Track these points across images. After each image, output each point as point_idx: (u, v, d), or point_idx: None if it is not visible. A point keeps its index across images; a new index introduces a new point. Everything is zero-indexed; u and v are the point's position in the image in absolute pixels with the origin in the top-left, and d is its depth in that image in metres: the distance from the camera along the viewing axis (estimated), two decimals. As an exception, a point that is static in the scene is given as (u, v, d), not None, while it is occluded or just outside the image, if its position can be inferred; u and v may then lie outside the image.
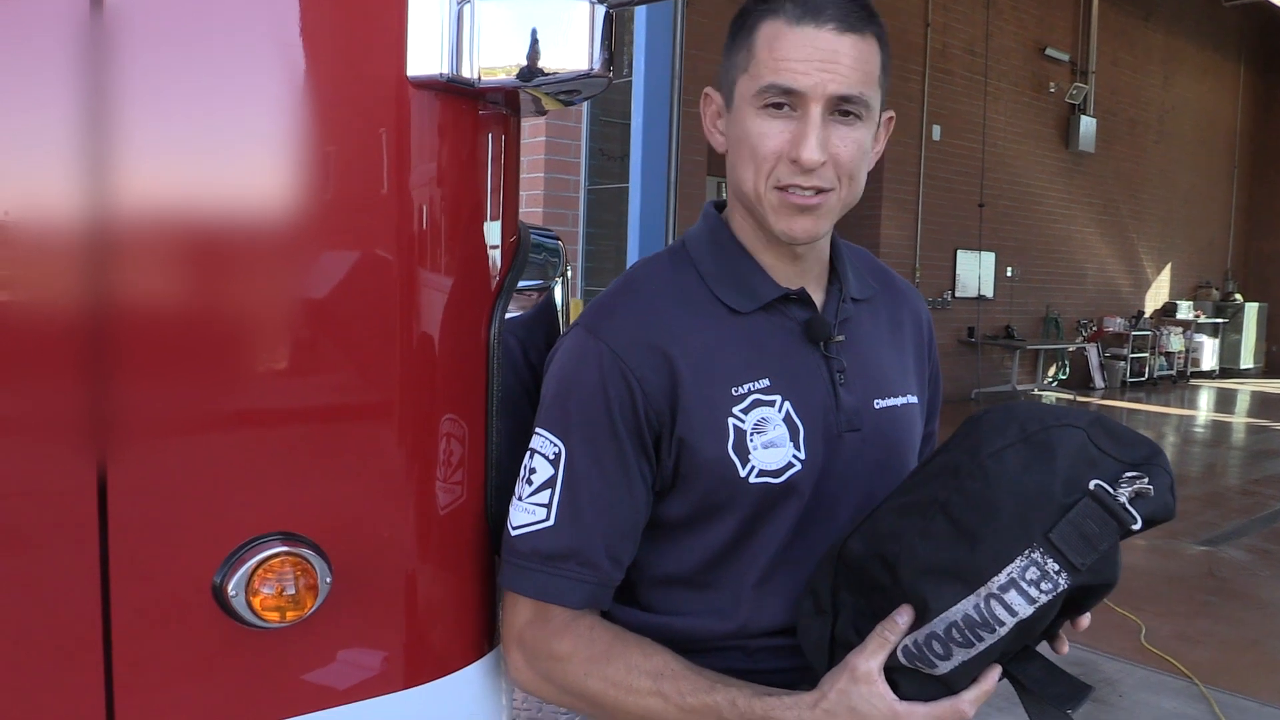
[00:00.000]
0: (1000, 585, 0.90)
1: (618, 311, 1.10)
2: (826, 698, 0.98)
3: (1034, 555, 0.90)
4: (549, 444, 1.06)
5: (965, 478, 0.95)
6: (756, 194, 1.07)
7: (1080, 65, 12.05)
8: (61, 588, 0.82)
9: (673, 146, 4.84)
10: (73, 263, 0.80)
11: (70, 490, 0.82)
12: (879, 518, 1.01)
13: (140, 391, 0.84)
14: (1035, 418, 0.97)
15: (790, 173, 1.04)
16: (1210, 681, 3.49)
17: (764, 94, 1.04)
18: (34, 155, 0.78)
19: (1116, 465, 0.94)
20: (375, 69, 0.93)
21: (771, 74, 1.03)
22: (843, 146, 1.04)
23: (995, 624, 0.91)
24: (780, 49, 1.02)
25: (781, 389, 1.09)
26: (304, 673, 0.94)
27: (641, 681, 1.02)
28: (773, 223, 1.07)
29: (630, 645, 1.05)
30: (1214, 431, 10.04)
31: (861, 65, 1.03)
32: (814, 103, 1.02)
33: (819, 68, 1.01)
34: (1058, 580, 0.89)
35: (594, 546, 1.05)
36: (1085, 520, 0.90)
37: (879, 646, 0.97)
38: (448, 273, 1.01)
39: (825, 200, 1.06)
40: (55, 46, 0.78)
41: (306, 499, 0.92)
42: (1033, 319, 12.09)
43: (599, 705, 1.05)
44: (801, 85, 1.02)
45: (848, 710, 0.96)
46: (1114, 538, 0.90)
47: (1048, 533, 0.90)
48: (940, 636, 0.93)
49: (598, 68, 0.97)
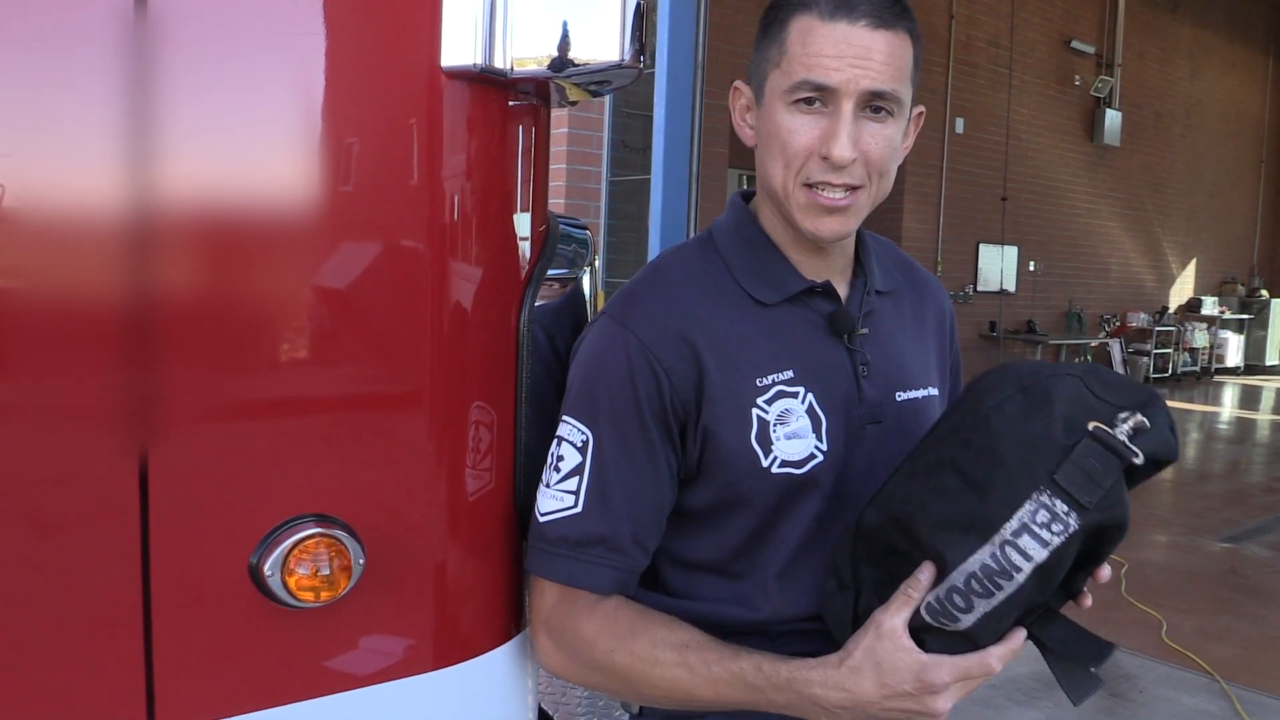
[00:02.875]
0: (1013, 531, 0.92)
1: (645, 300, 1.10)
2: (852, 655, 0.99)
3: (1041, 498, 0.91)
4: (577, 432, 1.07)
5: (969, 431, 0.97)
6: (785, 191, 1.07)
7: (1106, 58, 11.94)
8: (105, 569, 0.84)
9: (695, 138, 4.83)
10: (116, 255, 0.82)
11: (114, 475, 0.83)
12: (890, 486, 1.03)
13: (181, 380, 0.86)
14: (1030, 370, 0.99)
15: (821, 170, 1.04)
16: (1232, 678, 3.47)
17: (796, 90, 1.04)
18: (78, 150, 0.80)
19: (1113, 410, 0.95)
20: (410, 60, 0.94)
21: (804, 70, 1.03)
22: (874, 143, 1.04)
23: (1012, 570, 0.92)
24: (813, 44, 1.02)
25: (805, 380, 1.10)
26: (336, 653, 0.96)
27: (667, 654, 1.04)
28: (800, 221, 1.08)
29: (655, 621, 1.07)
30: (1238, 428, 9.96)
31: (894, 61, 1.03)
32: (846, 99, 1.02)
33: (851, 64, 1.01)
34: (1068, 521, 0.91)
35: (621, 533, 1.06)
36: (1087, 459, 0.92)
37: (903, 604, 0.98)
38: (478, 263, 1.02)
39: (855, 200, 1.06)
40: (100, 39, 0.80)
41: (340, 483, 0.94)
42: (1055, 314, 12.00)
43: (627, 680, 1.06)
44: (834, 81, 1.02)
45: (874, 666, 0.97)
46: (1117, 473, 0.92)
47: (1053, 474, 0.91)
48: (960, 589, 0.94)
49: (629, 58, 0.98)
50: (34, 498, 0.81)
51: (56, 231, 0.80)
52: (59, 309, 0.81)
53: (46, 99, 0.78)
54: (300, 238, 0.91)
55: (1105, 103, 11.92)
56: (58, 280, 0.81)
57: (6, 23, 0.76)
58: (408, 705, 1.00)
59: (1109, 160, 12.28)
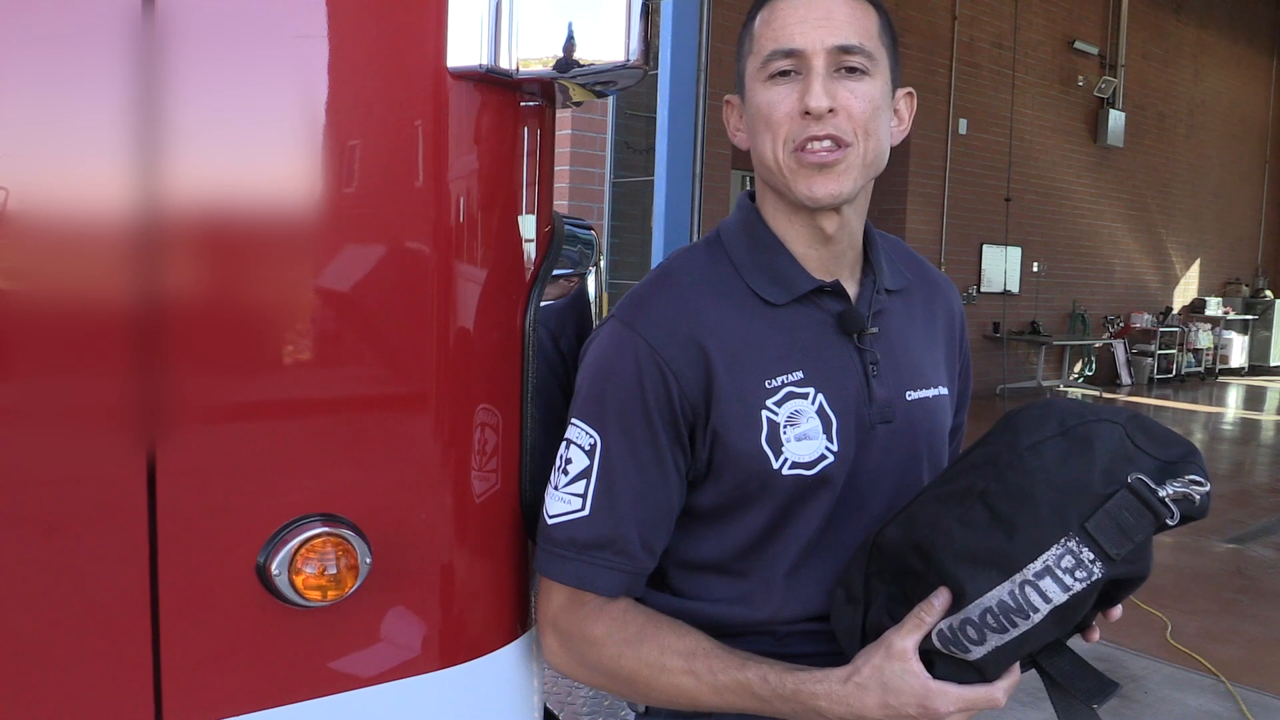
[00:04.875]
0: (1036, 573, 0.92)
1: (653, 303, 1.11)
2: (860, 672, 0.99)
3: (1070, 544, 0.91)
4: (585, 435, 1.07)
5: (1004, 468, 0.96)
6: (777, 162, 1.08)
7: (1109, 58, 11.94)
8: (113, 569, 0.84)
9: (698, 140, 4.84)
10: (124, 256, 0.82)
11: (122, 475, 0.84)
12: (917, 507, 1.03)
13: (188, 380, 0.86)
14: (1074, 413, 0.98)
15: (803, 126, 1.05)
16: (1237, 679, 3.47)
17: (768, 63, 1.07)
18: (87, 152, 0.80)
19: (1152, 462, 0.94)
20: (416, 60, 0.94)
21: (771, 42, 1.07)
22: (853, 98, 1.05)
23: (1030, 610, 0.92)
24: (775, 19, 1.07)
25: (815, 381, 1.10)
26: (343, 652, 0.96)
27: (674, 661, 1.04)
28: (794, 186, 1.08)
29: (663, 627, 1.07)
30: (1242, 429, 9.94)
31: (856, 22, 1.06)
32: (814, 56, 1.05)
33: (814, 25, 1.05)
34: (1092, 569, 0.90)
35: (628, 536, 1.07)
36: (1121, 511, 0.91)
37: (915, 627, 0.98)
38: (484, 263, 1.02)
39: (845, 156, 1.06)
40: (108, 42, 0.80)
41: (346, 483, 0.94)
42: (1059, 315, 11.99)
43: (633, 685, 1.07)
44: (799, 43, 1.05)
45: (880, 685, 0.98)
46: (1149, 530, 0.91)
47: (1084, 523, 0.91)
48: (975, 622, 0.94)
49: (634, 59, 0.98)
50: (43, 497, 0.81)
51: (64, 232, 0.80)
52: (67, 310, 0.81)
53: (55, 101, 0.79)
54: (307, 239, 0.91)
55: (1109, 103, 11.92)
56: (66, 281, 0.81)
57: (15, 23, 0.77)
58: (414, 704, 1.00)
59: (1112, 161, 12.27)
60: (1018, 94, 10.67)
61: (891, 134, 1.13)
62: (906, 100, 1.16)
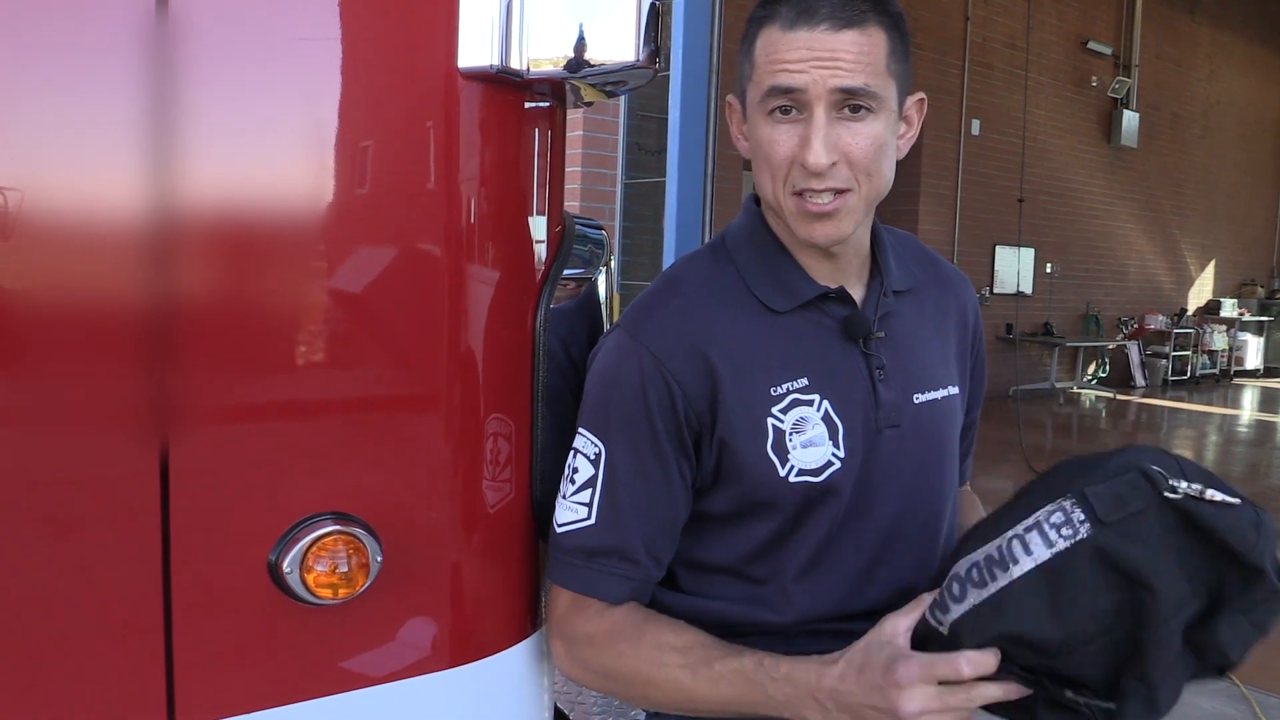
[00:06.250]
0: (1025, 527, 0.92)
1: (658, 313, 1.11)
2: (851, 649, 1.00)
3: (1064, 503, 0.91)
4: (590, 444, 1.08)
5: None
6: (777, 202, 1.08)
7: (1123, 59, 11.87)
8: (126, 567, 0.85)
9: (710, 141, 4.83)
10: (138, 257, 0.83)
11: (135, 474, 0.84)
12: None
13: (201, 380, 0.87)
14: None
15: (803, 177, 1.04)
16: (1251, 681, 3.44)
17: (767, 99, 1.04)
18: (101, 153, 0.81)
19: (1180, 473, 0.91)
20: (428, 61, 0.95)
21: (770, 77, 1.03)
22: (855, 143, 1.02)
23: (1009, 561, 0.92)
24: (776, 53, 1.02)
25: (820, 388, 1.10)
26: (354, 650, 0.96)
27: (671, 656, 1.05)
28: (794, 227, 1.08)
29: (662, 625, 1.08)
30: (1258, 431, 9.87)
31: (864, 58, 1.01)
32: (816, 101, 1.01)
33: (815, 65, 1.00)
34: (1079, 530, 0.89)
35: (634, 545, 1.08)
36: (1123, 484, 0.90)
37: (914, 607, 1.00)
38: (495, 265, 1.03)
39: (844, 202, 1.05)
40: (121, 44, 0.81)
41: (357, 482, 0.95)
42: (1072, 316, 11.93)
43: (632, 683, 1.07)
44: (799, 83, 1.01)
45: (863, 658, 0.98)
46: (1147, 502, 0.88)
47: (1085, 489, 0.91)
48: (960, 576, 0.95)
49: (644, 59, 0.98)
50: (57, 496, 0.82)
51: (81, 234, 0.80)
52: (83, 310, 0.82)
53: (73, 104, 0.79)
54: (319, 240, 0.92)
55: (1122, 104, 11.85)
56: (83, 282, 0.81)
57: (30, 27, 0.77)
58: (424, 703, 1.00)
59: (1126, 162, 12.20)
60: (1031, 95, 10.60)
61: (899, 145, 1.10)
62: (917, 106, 1.13)
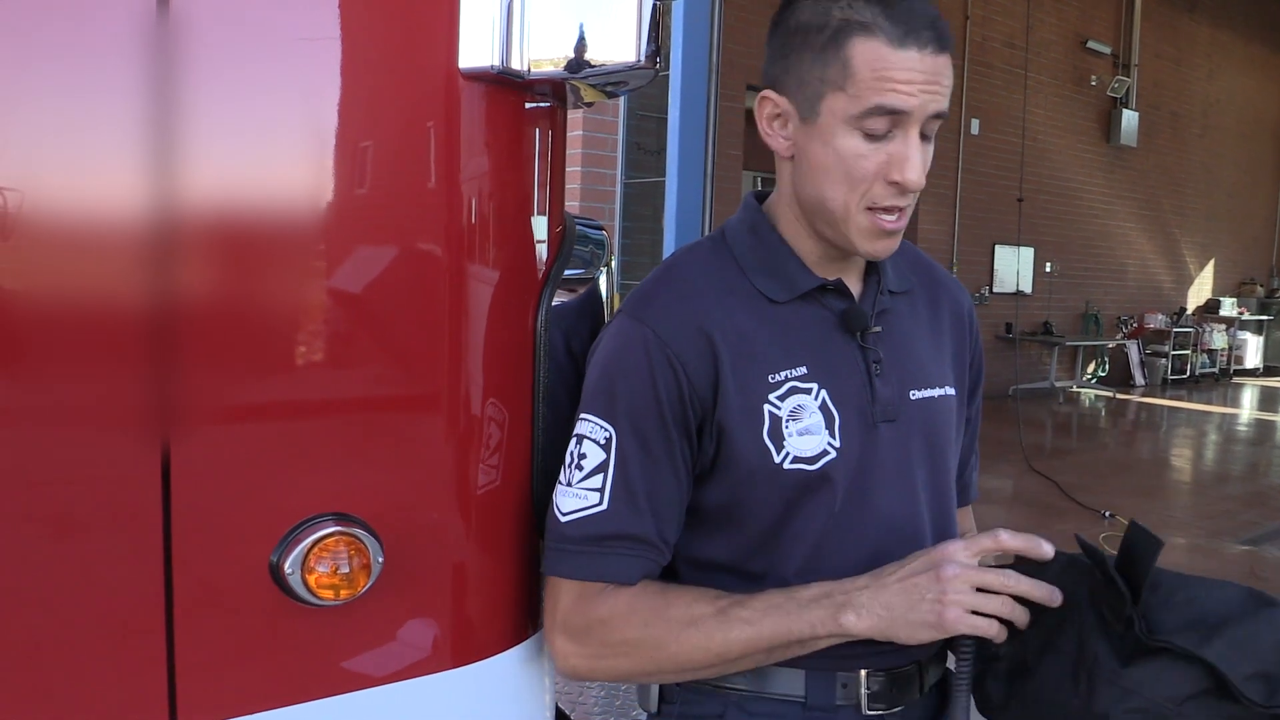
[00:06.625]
0: None
1: (660, 296, 1.11)
2: (891, 564, 1.07)
3: None
4: (598, 429, 1.07)
5: None
6: (846, 214, 1.07)
7: (1122, 58, 11.88)
8: (127, 568, 0.85)
9: (709, 141, 4.83)
10: (139, 257, 0.83)
11: (136, 475, 0.84)
12: None
13: (202, 381, 0.87)
14: None
15: (888, 194, 1.05)
16: None
17: (867, 115, 1.02)
18: (102, 153, 0.81)
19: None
20: (428, 62, 0.95)
21: (877, 95, 1.01)
22: (925, 165, 1.06)
23: None
24: (887, 71, 1.01)
25: (818, 377, 1.10)
26: (355, 651, 0.96)
27: (701, 608, 1.06)
28: (857, 243, 1.08)
29: (684, 588, 1.10)
30: (1257, 430, 9.88)
31: (949, 82, 1.05)
32: (915, 124, 1.03)
33: (923, 89, 1.01)
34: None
35: (648, 528, 1.07)
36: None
37: (973, 541, 1.04)
38: (496, 264, 1.03)
39: (905, 220, 1.09)
40: (121, 44, 0.81)
41: (359, 482, 0.95)
42: (1072, 315, 11.95)
43: (661, 647, 1.06)
44: (909, 106, 1.01)
45: (902, 566, 1.06)
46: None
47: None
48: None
49: (644, 59, 0.98)
50: (58, 496, 0.82)
51: (83, 235, 0.80)
52: (85, 311, 0.81)
53: (74, 105, 0.79)
54: (319, 240, 0.92)
55: (1122, 103, 11.86)
56: (84, 283, 0.81)
57: (30, 27, 0.77)
58: (426, 703, 1.00)
59: (1125, 161, 12.22)
60: (1030, 94, 10.61)
61: None
62: None
